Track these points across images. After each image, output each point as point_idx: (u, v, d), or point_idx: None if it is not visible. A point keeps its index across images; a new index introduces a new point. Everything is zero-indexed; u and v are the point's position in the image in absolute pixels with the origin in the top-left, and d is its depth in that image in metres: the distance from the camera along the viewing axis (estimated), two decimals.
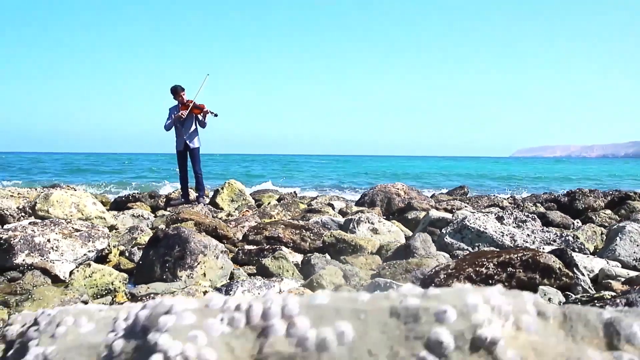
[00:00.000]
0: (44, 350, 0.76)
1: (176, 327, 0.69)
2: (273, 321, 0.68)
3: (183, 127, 7.89)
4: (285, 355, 0.65)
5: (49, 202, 5.88)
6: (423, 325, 0.65)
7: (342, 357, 0.64)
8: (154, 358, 0.65)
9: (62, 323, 0.79)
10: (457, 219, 5.67)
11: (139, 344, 0.71)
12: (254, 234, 5.66)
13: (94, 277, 3.80)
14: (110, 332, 0.76)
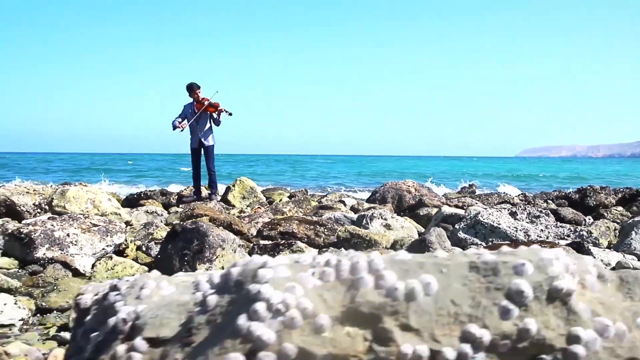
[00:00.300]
0: (135, 309, 0.80)
1: (275, 279, 0.73)
2: (362, 274, 0.72)
3: (198, 125, 7.94)
4: (376, 304, 0.69)
5: (66, 198, 5.94)
6: (502, 277, 0.69)
7: (428, 306, 0.68)
8: (258, 305, 0.69)
9: (146, 286, 0.83)
10: (470, 215, 5.70)
11: (234, 297, 0.75)
12: (268, 230, 5.70)
13: (116, 270, 3.86)
14: (193, 292, 0.81)
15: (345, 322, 0.71)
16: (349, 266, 0.74)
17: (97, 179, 21.00)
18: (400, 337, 0.69)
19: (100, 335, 0.81)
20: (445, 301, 0.68)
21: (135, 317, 0.78)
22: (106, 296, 0.88)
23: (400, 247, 5.21)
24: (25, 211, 6.43)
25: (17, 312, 3.01)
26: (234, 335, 0.69)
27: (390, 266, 0.73)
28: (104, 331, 0.81)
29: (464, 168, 53.65)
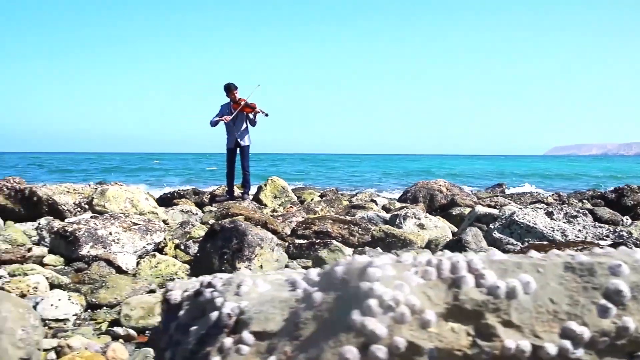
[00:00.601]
0: (238, 305, 0.86)
1: (384, 277, 0.78)
2: (463, 273, 0.77)
3: (234, 125, 8.05)
4: (479, 301, 0.74)
5: (105, 197, 6.11)
6: (599, 277, 0.72)
7: (528, 304, 0.72)
8: (371, 302, 0.74)
9: (243, 284, 0.89)
10: (505, 215, 5.66)
11: (340, 294, 0.80)
12: (302, 229, 5.77)
13: (159, 268, 3.96)
14: (290, 289, 0.86)
15: (449, 318, 0.76)
16: (450, 265, 0.79)
17: (128, 179, 21.40)
18: (503, 333, 0.73)
19: (202, 328, 0.86)
20: (544, 299, 0.72)
21: (240, 312, 0.84)
22: (200, 293, 0.94)
23: (435, 246, 5.22)
24: (67, 210, 6.63)
25: (71, 307, 3.13)
26: (348, 329, 0.74)
27: (489, 266, 0.78)
28: (205, 325, 0.86)
29: (490, 167, 52.91)
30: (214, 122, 8.02)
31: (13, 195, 6.79)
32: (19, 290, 3.44)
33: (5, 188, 6.93)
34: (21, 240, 5.35)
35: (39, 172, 32.51)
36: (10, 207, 6.74)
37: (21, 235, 5.45)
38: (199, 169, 37.37)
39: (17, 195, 6.77)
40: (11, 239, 5.31)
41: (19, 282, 3.49)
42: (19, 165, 44.14)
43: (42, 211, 6.60)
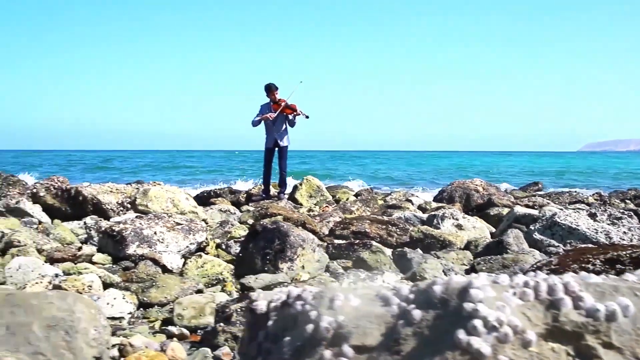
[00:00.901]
0: (335, 319, 0.91)
1: (486, 298, 0.82)
2: (560, 295, 0.80)
3: (274, 125, 8.14)
4: (578, 323, 0.77)
5: (148, 197, 6.27)
6: None
7: (628, 327, 0.75)
8: (476, 322, 0.79)
9: (336, 298, 0.94)
10: (546, 216, 5.60)
11: (440, 312, 0.85)
12: (340, 229, 5.81)
13: (205, 268, 4.06)
14: (383, 305, 0.91)
15: (548, 338, 0.79)
16: (547, 287, 0.82)
17: (162, 177, 21.80)
18: (604, 354, 0.77)
19: (296, 340, 0.92)
20: None
21: (337, 326, 0.89)
22: (290, 304, 0.99)
23: (475, 247, 5.20)
24: (110, 209, 6.83)
25: (125, 306, 3.25)
26: (454, 347, 0.79)
27: (585, 288, 0.81)
28: (301, 337, 0.92)
29: (523, 164, 51.91)
30: (256, 121, 8.11)
31: (60, 195, 7.04)
32: (74, 288, 3.59)
33: (52, 188, 7.19)
34: (69, 239, 5.55)
35: (74, 171, 33.41)
36: (57, 206, 7.00)
37: (69, 233, 5.66)
38: (231, 166, 37.79)
39: (63, 194, 7.01)
40: (60, 237, 5.52)
41: (74, 281, 3.63)
42: (57, 162, 45.38)
43: (87, 210, 6.82)
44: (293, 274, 4.25)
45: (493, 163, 50.41)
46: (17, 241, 4.95)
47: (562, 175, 26.33)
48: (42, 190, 7.12)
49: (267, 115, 8.03)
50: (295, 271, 4.29)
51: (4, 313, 1.92)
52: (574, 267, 3.48)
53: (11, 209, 6.83)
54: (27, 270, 4.03)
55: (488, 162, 55.32)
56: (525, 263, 4.05)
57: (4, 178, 12.23)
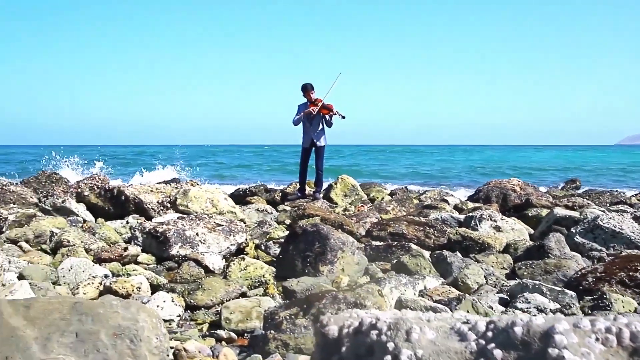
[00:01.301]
0: (414, 352, 0.96)
1: (570, 345, 0.85)
2: None
3: (311, 125, 8.21)
4: None
5: (188, 197, 6.42)
6: None
7: None
8: None
9: (413, 331, 0.98)
10: (588, 218, 5.50)
11: (522, 354, 0.88)
12: (378, 230, 5.83)
13: (248, 270, 4.15)
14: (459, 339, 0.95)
15: None
16: (629, 334, 0.85)
17: (195, 174, 22.17)
18: None
19: None
20: None
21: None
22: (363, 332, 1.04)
23: (515, 251, 5.15)
24: (151, 208, 7.01)
25: (174, 309, 3.36)
26: None
27: None
28: None
29: (558, 159, 50.67)
30: (297, 120, 8.18)
31: (103, 194, 7.26)
32: (124, 290, 3.72)
33: (96, 187, 7.42)
34: (114, 238, 5.74)
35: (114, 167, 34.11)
36: (101, 205, 7.22)
37: (114, 233, 5.85)
38: (260, 162, 38.06)
39: (106, 194, 7.23)
40: (105, 236, 5.71)
41: (124, 282, 3.76)
42: (93, 158, 46.45)
43: (129, 210, 7.02)
44: (333, 277, 4.31)
45: (527, 158, 49.35)
46: (66, 241, 5.15)
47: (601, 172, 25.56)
48: (86, 190, 7.36)
49: (309, 110, 8.07)
50: (336, 274, 4.34)
51: (72, 321, 2.02)
52: (620, 276, 3.44)
53: (58, 208, 7.10)
54: (78, 270, 4.20)
55: (522, 157, 54.13)
56: (568, 269, 4.01)
57: (48, 176, 12.66)
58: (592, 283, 3.48)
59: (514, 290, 3.54)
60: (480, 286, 3.80)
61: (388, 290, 3.52)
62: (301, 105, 8.29)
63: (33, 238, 5.77)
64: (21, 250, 5.43)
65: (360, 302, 2.50)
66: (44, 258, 4.88)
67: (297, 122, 8.25)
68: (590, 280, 3.52)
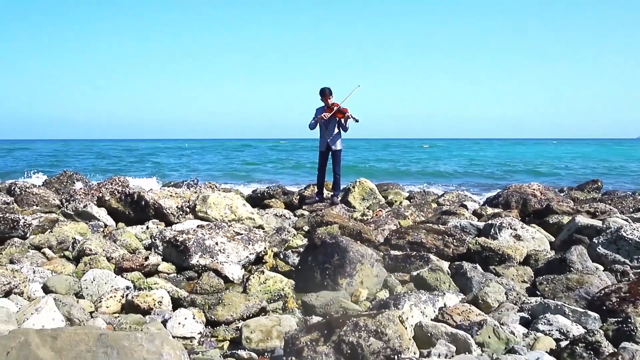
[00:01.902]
0: None
1: None
2: None
3: (327, 129, 8.22)
4: None
5: (207, 204, 6.46)
6: None
7: None
8: None
9: None
10: (611, 229, 5.42)
11: None
12: (396, 238, 5.81)
13: (268, 284, 4.17)
14: None
15: None
16: None
17: (212, 172, 22.29)
18: None
19: None
20: None
21: None
22: None
23: (535, 262, 5.10)
24: (171, 214, 7.08)
25: (195, 326, 3.40)
26: None
27: None
28: None
29: (575, 153, 49.79)
30: (313, 124, 8.21)
31: (123, 199, 7.35)
32: (146, 304, 3.78)
33: (116, 192, 7.51)
34: (134, 245, 5.81)
35: (136, 162, 34.49)
36: (122, 210, 7.31)
37: (134, 239, 5.92)
38: (277, 157, 38.11)
39: (126, 199, 7.32)
40: (126, 243, 5.79)
41: (145, 297, 3.81)
42: (114, 154, 47.03)
43: (149, 214, 7.10)
44: (352, 290, 4.31)
45: (544, 153, 48.46)
46: (88, 249, 5.23)
47: (622, 170, 25.05)
48: (107, 195, 7.46)
49: (322, 115, 8.10)
50: (354, 287, 4.35)
51: (98, 353, 2.05)
52: None
53: (79, 212, 7.20)
54: (100, 282, 4.26)
55: (539, 151, 53.20)
56: (590, 285, 3.96)
57: (69, 176, 12.86)
58: (615, 304, 3.43)
59: (535, 310, 3.51)
60: (501, 304, 3.77)
61: (408, 308, 3.51)
62: (319, 108, 8.29)
63: (56, 244, 5.87)
64: (45, 257, 5.53)
65: (381, 330, 2.50)
66: (67, 267, 4.97)
67: (313, 127, 8.27)
68: (614, 300, 3.47)
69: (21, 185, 9.20)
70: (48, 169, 22.56)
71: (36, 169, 18.63)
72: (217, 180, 17.64)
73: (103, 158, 39.30)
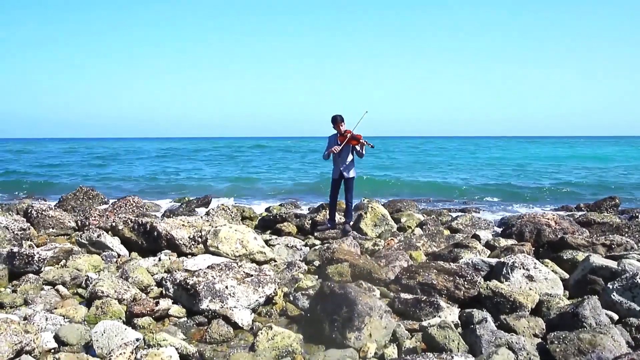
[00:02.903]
0: None
1: None
2: None
3: (340, 157, 8.20)
4: None
5: (218, 238, 6.49)
6: None
7: None
8: None
9: None
10: (627, 274, 5.32)
11: None
12: (407, 278, 5.78)
13: (276, 340, 4.18)
14: None
15: None
16: None
17: (225, 182, 22.28)
18: None
19: None
20: None
21: None
22: None
23: (547, 310, 5.03)
24: (183, 244, 7.13)
25: None
26: None
27: None
28: None
29: (589, 152, 48.49)
30: (326, 155, 8.21)
31: (136, 229, 7.42)
32: None
33: (129, 221, 7.58)
34: (146, 282, 5.85)
35: (167, 163, 34.64)
36: (135, 239, 7.39)
37: (146, 276, 5.96)
38: (288, 164, 38.00)
39: (139, 228, 7.39)
40: (138, 280, 5.84)
41: (154, 356, 3.84)
42: (152, 154, 47.36)
43: (162, 245, 7.16)
44: (360, 344, 4.30)
45: (557, 156, 47.26)
46: (100, 292, 5.28)
47: None
48: (120, 224, 7.53)
49: (333, 149, 8.09)
50: (362, 341, 4.33)
51: None
52: None
53: (93, 242, 7.28)
54: (110, 334, 4.30)
55: (551, 154, 51.87)
56: (603, 349, 3.90)
57: (85, 192, 13.01)
58: None
59: None
60: None
61: None
62: (331, 136, 8.27)
63: (70, 280, 5.96)
64: (58, 294, 5.62)
65: None
66: (79, 310, 5.02)
67: (326, 157, 8.26)
68: None
69: (37, 208, 9.34)
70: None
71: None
72: (230, 193, 17.66)
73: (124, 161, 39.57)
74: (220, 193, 17.67)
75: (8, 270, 6.02)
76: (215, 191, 18.06)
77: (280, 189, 19.89)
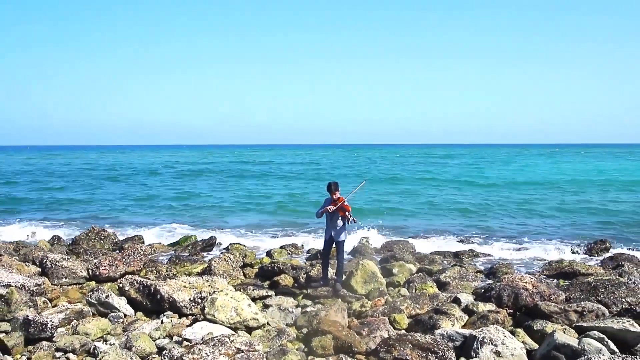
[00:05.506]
0: None
1: None
2: None
3: (331, 220, 8.89)
4: None
5: (215, 307, 7.11)
6: None
7: None
8: None
9: None
10: (587, 355, 5.80)
11: None
12: (384, 352, 6.33)
13: None
14: None
15: None
16: None
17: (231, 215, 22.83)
18: None
19: None
20: None
21: None
22: None
23: None
24: (184, 306, 7.77)
25: None
26: None
27: None
28: None
29: (586, 166, 47.50)
30: (319, 213, 8.81)
31: (141, 290, 8.07)
32: None
33: (135, 282, 8.23)
34: (148, 350, 6.46)
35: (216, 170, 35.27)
36: (140, 300, 8.03)
37: (148, 343, 6.57)
38: (296, 185, 38.30)
39: (144, 290, 8.04)
40: (140, 349, 6.44)
41: None
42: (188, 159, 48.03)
43: (164, 307, 7.80)
44: None
45: (561, 173, 46.15)
46: None
47: None
48: (127, 285, 8.19)
49: (327, 208, 8.68)
50: None
51: None
52: None
53: (102, 302, 7.93)
54: None
55: (554, 168, 50.41)
56: None
57: (97, 232, 13.71)
58: None
59: None
60: None
61: None
62: (327, 199, 8.87)
63: (79, 347, 6.59)
64: None
65: None
66: None
67: (319, 216, 8.87)
68: None
69: (52, 259, 10.04)
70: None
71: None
72: (240, 227, 18.08)
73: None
74: (229, 224, 18.33)
75: (24, 337, 6.68)
76: (223, 224, 18.69)
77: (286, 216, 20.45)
